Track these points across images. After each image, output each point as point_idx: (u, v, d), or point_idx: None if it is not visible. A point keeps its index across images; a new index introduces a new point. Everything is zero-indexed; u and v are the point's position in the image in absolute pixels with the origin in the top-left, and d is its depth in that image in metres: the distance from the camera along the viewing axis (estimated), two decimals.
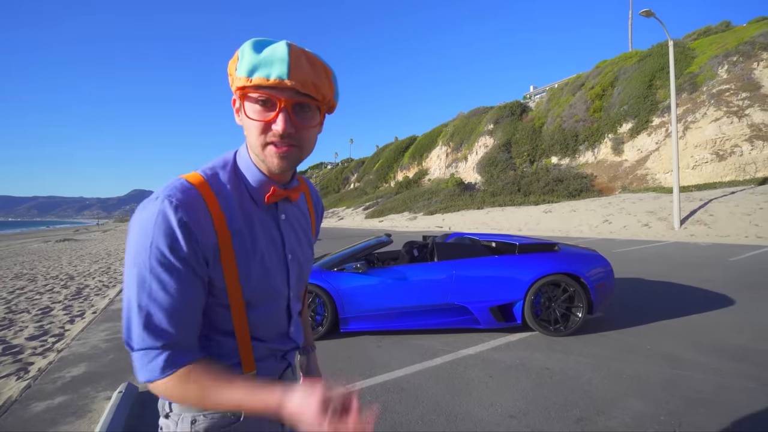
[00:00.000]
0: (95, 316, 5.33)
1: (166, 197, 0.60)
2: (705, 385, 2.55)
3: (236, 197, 0.67)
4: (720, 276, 5.98)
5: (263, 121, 0.62)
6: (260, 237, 0.69)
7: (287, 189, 0.71)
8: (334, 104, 0.68)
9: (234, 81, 0.63)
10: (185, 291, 0.61)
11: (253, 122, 0.63)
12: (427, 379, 2.78)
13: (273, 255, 0.71)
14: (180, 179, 0.64)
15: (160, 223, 0.59)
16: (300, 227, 0.79)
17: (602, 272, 3.65)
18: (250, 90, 0.61)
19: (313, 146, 0.68)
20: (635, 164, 20.86)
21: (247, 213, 0.68)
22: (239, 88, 0.62)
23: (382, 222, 27.43)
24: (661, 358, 2.99)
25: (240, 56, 0.61)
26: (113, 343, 3.99)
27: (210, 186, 0.64)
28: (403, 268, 3.71)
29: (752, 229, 10.69)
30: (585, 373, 2.77)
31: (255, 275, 0.68)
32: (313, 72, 0.62)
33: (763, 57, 18.91)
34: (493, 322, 3.55)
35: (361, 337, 3.69)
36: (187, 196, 0.61)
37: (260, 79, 0.60)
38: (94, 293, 7.36)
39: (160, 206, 0.59)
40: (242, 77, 0.61)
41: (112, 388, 2.79)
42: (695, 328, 3.64)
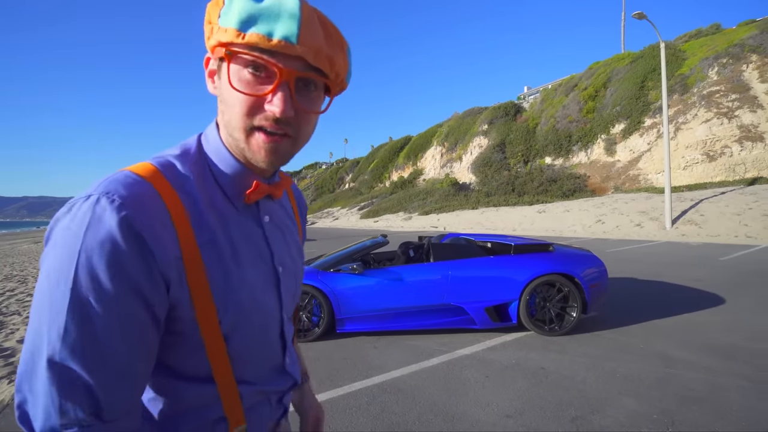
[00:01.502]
0: None
1: (104, 195, 0.41)
2: (697, 383, 2.59)
3: (204, 194, 0.49)
4: (711, 275, 6.07)
5: (254, 96, 0.46)
6: (240, 245, 0.51)
7: (271, 184, 0.55)
8: (345, 86, 0.54)
9: (215, 32, 0.45)
10: (130, 335, 0.42)
11: (238, 95, 0.46)
12: (424, 379, 2.79)
13: (259, 268, 0.53)
14: (123, 171, 0.45)
15: (95, 233, 0.40)
16: (287, 231, 0.61)
17: (596, 272, 3.69)
18: (240, 50, 0.44)
19: (310, 137, 0.52)
20: (627, 165, 21.10)
21: (221, 214, 0.50)
22: (223, 44, 0.45)
23: (377, 222, 27.44)
24: (654, 357, 3.04)
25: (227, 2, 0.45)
26: None
27: (167, 178, 0.46)
28: (399, 269, 3.72)
29: (742, 229, 10.88)
30: (579, 372, 2.81)
31: (237, 298, 0.49)
32: (328, 40, 0.47)
33: (752, 59, 19.25)
34: (488, 322, 3.58)
35: (357, 338, 3.69)
36: (136, 193, 0.43)
37: (258, 37, 0.43)
38: None
39: (95, 208, 0.41)
40: (231, 29, 0.44)
41: None
42: (687, 328, 3.69)
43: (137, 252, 0.41)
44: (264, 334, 0.55)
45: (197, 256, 0.46)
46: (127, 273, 0.41)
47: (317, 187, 56.32)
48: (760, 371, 2.73)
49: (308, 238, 17.38)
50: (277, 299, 0.56)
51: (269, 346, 0.56)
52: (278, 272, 0.56)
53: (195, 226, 0.47)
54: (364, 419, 2.28)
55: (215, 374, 0.49)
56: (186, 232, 0.46)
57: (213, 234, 0.48)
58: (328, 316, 3.60)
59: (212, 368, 0.49)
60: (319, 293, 3.60)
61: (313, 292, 3.59)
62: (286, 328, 0.59)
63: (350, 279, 3.66)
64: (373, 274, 3.68)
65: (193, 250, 0.46)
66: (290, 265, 0.60)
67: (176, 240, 0.45)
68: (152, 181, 0.45)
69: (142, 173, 0.45)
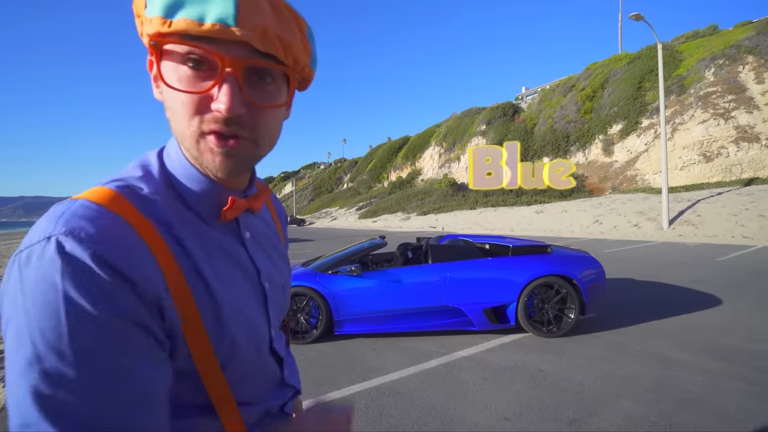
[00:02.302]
0: None
1: (67, 234, 0.35)
2: (695, 385, 2.59)
3: (176, 217, 0.43)
4: (708, 276, 6.10)
5: (196, 93, 0.39)
6: (224, 268, 0.47)
7: (248, 197, 0.50)
8: (311, 74, 0.47)
9: (143, 24, 0.40)
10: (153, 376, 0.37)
11: (179, 96, 0.40)
12: (422, 381, 2.78)
13: (246, 289, 0.50)
14: (77, 201, 0.38)
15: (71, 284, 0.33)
16: (270, 244, 0.57)
17: (594, 274, 3.70)
18: (170, 40, 0.38)
19: (277, 138, 0.46)
20: (625, 165, 21.18)
21: (199, 237, 0.45)
22: (152, 36, 0.39)
23: (376, 222, 27.43)
24: (652, 358, 3.04)
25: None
26: None
27: (132, 204, 0.40)
28: (397, 271, 3.71)
29: (738, 229, 10.93)
30: (577, 374, 2.80)
31: (229, 324, 0.45)
32: (278, 19, 0.40)
33: (749, 60, 19.35)
34: (487, 323, 3.57)
35: (355, 340, 3.68)
36: (102, 225, 0.37)
37: (187, 22, 0.37)
38: None
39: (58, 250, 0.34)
40: (156, 18, 0.38)
41: None
42: (685, 329, 3.70)
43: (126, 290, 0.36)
44: (257, 354, 0.52)
45: (183, 284, 0.41)
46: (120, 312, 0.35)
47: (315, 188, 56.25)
48: (758, 373, 2.74)
49: (307, 238, 17.34)
50: (264, 317, 0.53)
51: (265, 364, 0.54)
52: (265, 289, 0.53)
53: (176, 255, 0.41)
54: (362, 422, 2.27)
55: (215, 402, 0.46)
56: (167, 261, 0.40)
57: (195, 260, 0.43)
58: (326, 318, 3.59)
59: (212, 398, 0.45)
60: (317, 295, 3.58)
61: (311, 294, 3.57)
62: (276, 342, 0.56)
63: (348, 281, 3.64)
64: (371, 276, 3.67)
65: (179, 280, 0.41)
66: (277, 279, 0.56)
67: (159, 272, 0.39)
68: (117, 209, 0.39)
69: (102, 202, 0.38)
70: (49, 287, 0.33)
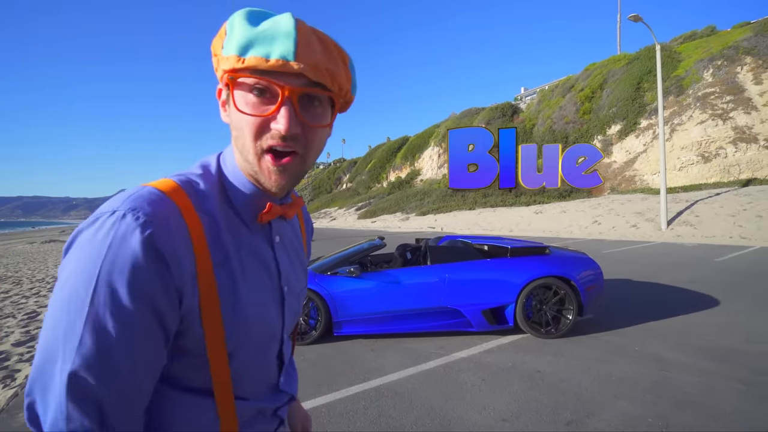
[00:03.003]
0: None
1: (130, 211, 0.43)
2: (692, 386, 2.61)
3: (221, 213, 0.51)
4: (706, 277, 6.12)
5: (260, 116, 0.47)
6: (251, 265, 0.53)
7: (283, 205, 0.56)
8: (351, 98, 0.54)
9: (220, 62, 0.48)
10: (142, 352, 0.43)
11: (246, 119, 0.48)
12: (421, 382, 2.79)
13: (267, 288, 0.55)
14: (146, 187, 0.47)
15: (118, 250, 0.41)
16: (294, 251, 0.62)
17: (592, 275, 3.72)
18: (242, 74, 0.46)
19: (320, 153, 0.53)
20: (624, 165, 21.22)
21: (235, 234, 0.52)
22: (227, 72, 0.47)
23: (375, 222, 27.44)
24: (649, 359, 3.06)
25: (228, 30, 0.47)
26: None
27: (188, 196, 0.48)
28: (396, 272, 3.72)
29: (736, 230, 10.97)
30: (575, 375, 2.82)
31: (244, 317, 0.51)
32: (327, 55, 0.48)
33: (747, 61, 19.40)
34: (485, 324, 3.59)
35: (354, 341, 3.69)
36: (160, 210, 0.44)
37: (257, 60, 0.45)
38: None
39: (120, 224, 0.42)
40: (231, 56, 0.46)
41: None
42: (682, 330, 3.72)
43: (156, 270, 0.43)
44: (264, 353, 0.56)
45: (211, 275, 0.48)
46: (145, 291, 0.43)
47: (315, 188, 56.24)
48: (754, 374, 2.75)
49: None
50: (280, 318, 0.58)
51: (267, 365, 0.58)
52: (284, 292, 0.58)
53: (211, 246, 0.48)
54: (361, 423, 2.28)
55: (216, 390, 0.50)
56: (203, 250, 0.47)
57: (227, 254, 0.50)
58: (326, 319, 3.60)
59: (213, 384, 0.50)
60: (317, 296, 3.60)
61: (310, 295, 3.58)
62: (285, 347, 0.61)
63: (347, 282, 3.66)
64: (370, 277, 3.68)
65: (208, 268, 0.47)
66: (295, 285, 0.61)
67: (193, 258, 0.46)
68: (175, 198, 0.47)
69: (165, 190, 0.47)
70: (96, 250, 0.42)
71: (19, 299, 7.02)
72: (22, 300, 6.92)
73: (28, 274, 10.71)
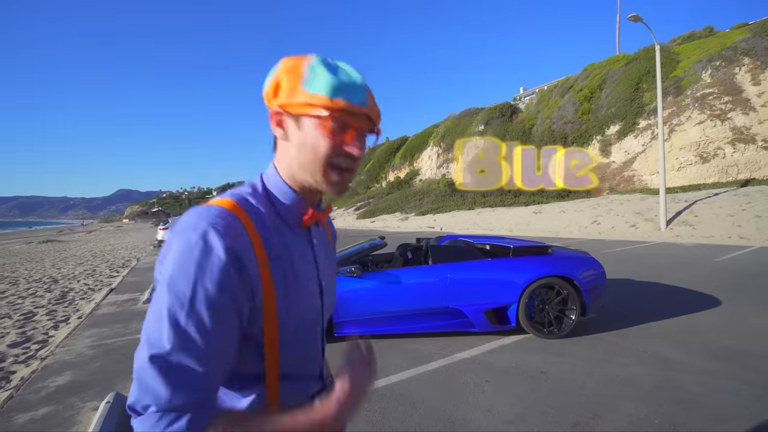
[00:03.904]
0: (81, 321, 5.18)
1: (210, 227, 0.54)
2: (697, 387, 2.59)
3: (270, 221, 0.62)
4: (706, 276, 6.11)
5: (336, 141, 0.61)
6: (297, 262, 0.63)
7: (321, 211, 0.68)
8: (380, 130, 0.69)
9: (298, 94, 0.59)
10: (227, 336, 0.53)
11: (322, 140, 0.60)
12: (424, 384, 2.76)
13: (310, 281, 0.65)
14: (212, 206, 0.58)
15: (208, 257, 0.52)
16: (326, 252, 0.73)
17: (595, 275, 3.69)
18: (336, 114, 0.59)
19: None
20: (622, 166, 21.25)
21: (283, 237, 0.62)
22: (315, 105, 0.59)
23: (374, 222, 27.40)
24: (653, 360, 3.03)
25: (310, 72, 0.59)
26: (100, 349, 3.88)
27: (244, 210, 0.59)
28: (397, 272, 3.69)
29: (735, 230, 10.98)
30: (579, 376, 2.79)
31: (293, 306, 0.61)
32: (374, 102, 0.65)
33: (745, 62, 19.46)
34: (487, 325, 3.56)
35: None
36: (230, 224, 0.56)
37: (343, 102, 0.59)
38: (79, 297, 7.17)
39: (207, 237, 0.53)
40: (322, 96, 0.58)
41: (99, 398, 2.70)
42: (685, 329, 3.70)
43: (238, 270, 0.54)
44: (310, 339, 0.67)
45: (268, 272, 0.58)
46: (229, 286, 0.53)
47: None
48: (758, 374, 2.73)
49: None
50: (320, 307, 0.68)
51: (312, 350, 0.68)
52: (322, 285, 0.69)
53: (266, 248, 0.59)
54: (363, 426, 2.25)
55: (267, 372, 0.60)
56: (261, 252, 0.58)
57: (279, 253, 0.61)
58: None
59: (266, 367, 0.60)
60: None
61: None
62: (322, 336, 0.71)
63: (348, 282, 3.62)
64: (371, 277, 3.64)
65: (265, 266, 0.58)
66: (330, 280, 0.73)
67: (255, 259, 0.57)
68: (237, 213, 0.58)
69: (228, 207, 0.58)
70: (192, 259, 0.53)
71: (15, 300, 6.96)
72: (18, 301, 6.86)
73: (24, 275, 10.63)
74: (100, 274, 10.48)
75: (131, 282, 8.27)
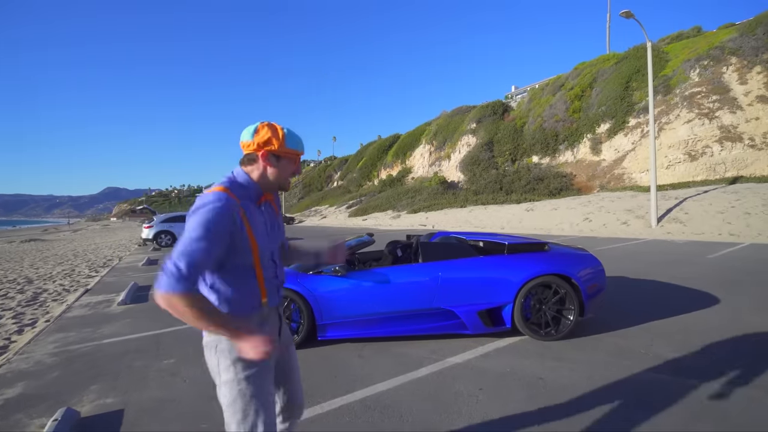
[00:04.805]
0: (47, 325, 4.83)
1: (218, 200, 1.17)
2: (705, 393, 2.40)
3: (244, 197, 1.26)
4: (701, 273, 6.01)
5: (293, 168, 1.34)
6: (257, 218, 1.28)
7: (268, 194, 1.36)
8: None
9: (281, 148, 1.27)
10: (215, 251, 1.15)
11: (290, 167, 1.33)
12: (412, 393, 2.53)
13: (265, 227, 1.32)
14: (217, 191, 1.20)
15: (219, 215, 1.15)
16: (271, 213, 1.39)
17: (593, 272, 3.50)
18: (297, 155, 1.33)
19: None
20: (612, 164, 21.35)
21: (250, 207, 1.27)
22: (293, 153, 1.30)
23: (366, 220, 27.14)
24: (657, 363, 2.85)
25: (286, 137, 1.27)
26: (61, 357, 3.56)
27: (232, 192, 1.22)
28: (385, 270, 3.45)
29: (725, 227, 11.01)
30: (580, 382, 2.59)
31: (260, 236, 1.27)
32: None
33: (732, 61, 19.67)
34: (481, 326, 3.34)
35: (340, 346, 3.41)
36: (228, 198, 1.19)
37: (296, 151, 1.31)
38: (52, 298, 6.78)
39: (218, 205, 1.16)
40: (292, 149, 1.29)
41: (49, 414, 2.41)
42: (685, 329, 3.54)
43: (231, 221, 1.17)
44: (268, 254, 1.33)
45: (248, 223, 1.23)
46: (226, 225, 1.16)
47: (305, 185, 55.55)
48: (766, 376, 2.57)
49: (295, 237, 16.94)
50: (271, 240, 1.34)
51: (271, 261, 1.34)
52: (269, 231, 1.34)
53: (246, 211, 1.24)
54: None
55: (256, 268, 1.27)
56: (243, 213, 1.22)
57: (251, 215, 1.25)
58: (309, 322, 3.31)
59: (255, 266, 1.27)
60: (299, 297, 3.30)
61: (291, 296, 3.29)
62: (275, 257, 1.37)
63: (332, 281, 3.37)
64: (357, 276, 3.40)
65: (245, 221, 1.22)
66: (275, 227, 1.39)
67: (240, 216, 1.20)
68: (229, 194, 1.20)
69: (225, 191, 1.20)
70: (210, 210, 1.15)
71: None
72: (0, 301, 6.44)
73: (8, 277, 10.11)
74: (79, 274, 10.04)
75: (109, 282, 7.89)
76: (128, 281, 7.53)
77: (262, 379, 1.23)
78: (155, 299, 1.06)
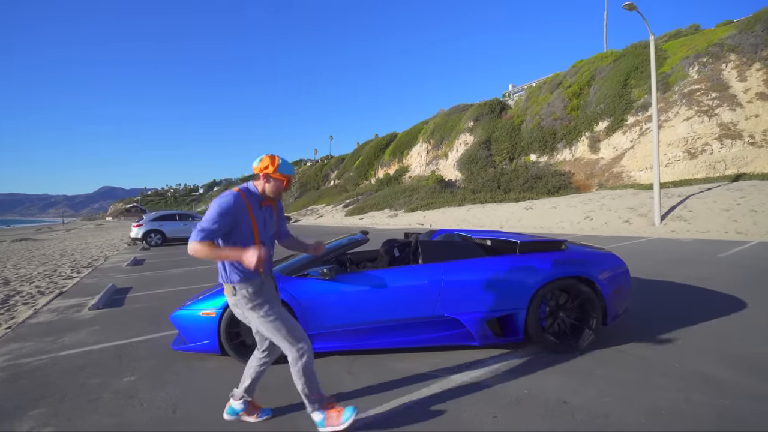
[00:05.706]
0: (6, 333, 4.35)
1: (230, 195, 1.97)
2: (759, 417, 2.00)
3: (252, 200, 2.04)
4: (717, 273, 5.64)
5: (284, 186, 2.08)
6: (260, 215, 2.07)
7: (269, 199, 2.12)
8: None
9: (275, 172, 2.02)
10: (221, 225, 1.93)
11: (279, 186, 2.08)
12: (411, 419, 2.10)
13: (263, 221, 2.10)
14: (233, 191, 2.02)
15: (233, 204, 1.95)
16: (270, 213, 2.16)
17: (617, 274, 3.10)
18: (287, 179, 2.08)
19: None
20: (611, 162, 21.07)
21: (257, 207, 2.06)
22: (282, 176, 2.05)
23: (363, 219, 26.69)
24: (697, 380, 2.44)
25: (281, 164, 2.02)
26: (8, 372, 3.09)
27: (244, 194, 2.02)
28: (380, 273, 3.02)
29: (731, 225, 10.70)
30: (615, 408, 2.16)
31: (259, 225, 2.06)
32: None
33: (731, 58, 19.45)
34: (490, 337, 2.92)
35: (327, 360, 2.97)
36: (239, 195, 2.00)
37: (287, 175, 2.06)
38: (22, 302, 6.27)
39: (228, 197, 1.96)
40: (286, 174, 2.05)
41: None
42: (718, 338, 3.14)
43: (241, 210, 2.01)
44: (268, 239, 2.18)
45: (251, 215, 2.05)
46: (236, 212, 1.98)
47: (302, 185, 54.96)
48: None
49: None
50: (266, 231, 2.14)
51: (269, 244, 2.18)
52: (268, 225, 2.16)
53: (251, 207, 2.05)
54: None
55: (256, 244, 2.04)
56: (250, 209, 2.05)
57: (255, 210, 2.07)
58: None
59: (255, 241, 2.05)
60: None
61: None
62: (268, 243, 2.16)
63: (320, 286, 2.94)
64: (348, 280, 2.97)
65: (251, 213, 2.05)
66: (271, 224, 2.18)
67: (248, 210, 2.03)
68: (241, 194, 2.04)
69: (238, 192, 2.04)
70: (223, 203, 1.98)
71: None
72: None
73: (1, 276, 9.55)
74: (59, 275, 9.50)
75: (87, 284, 7.39)
76: (107, 282, 7.03)
77: (277, 308, 2.05)
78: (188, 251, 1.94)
